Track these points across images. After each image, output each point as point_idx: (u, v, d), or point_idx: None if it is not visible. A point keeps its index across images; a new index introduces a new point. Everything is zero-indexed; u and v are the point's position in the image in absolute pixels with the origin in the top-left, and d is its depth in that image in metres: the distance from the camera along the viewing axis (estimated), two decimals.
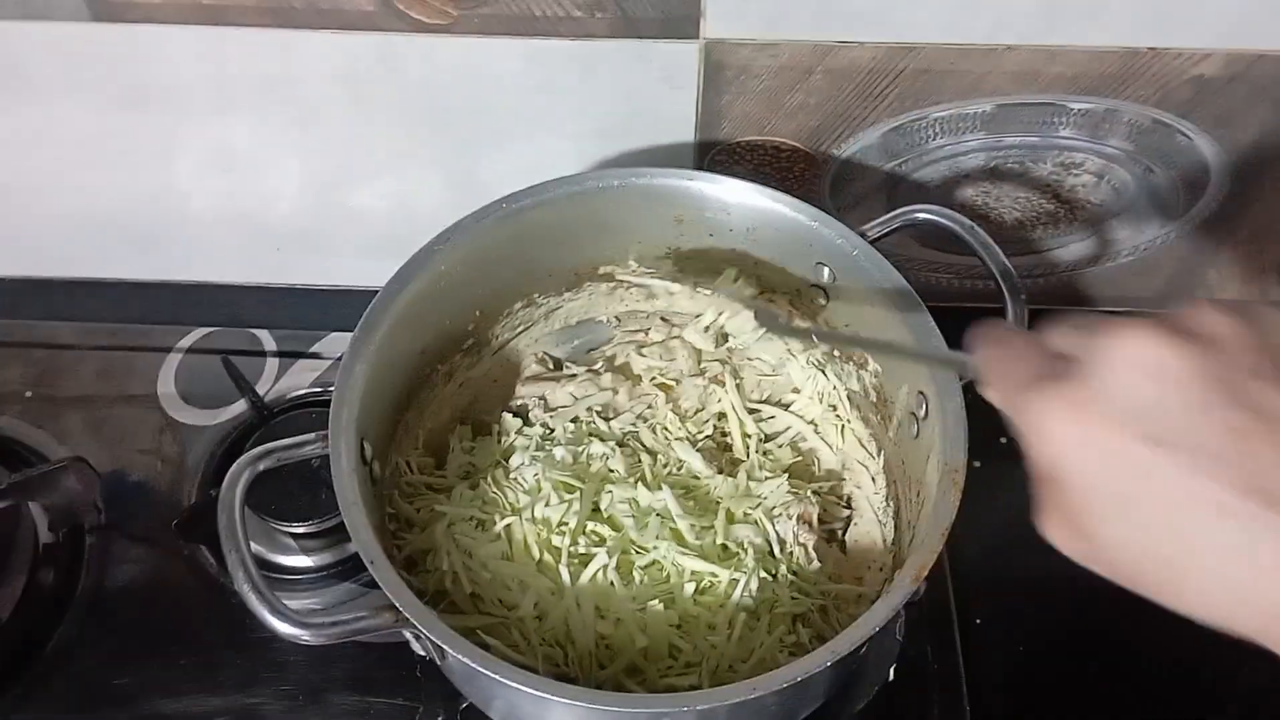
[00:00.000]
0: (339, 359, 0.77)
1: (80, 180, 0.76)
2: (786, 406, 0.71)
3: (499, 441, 0.69)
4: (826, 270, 0.64)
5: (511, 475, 0.65)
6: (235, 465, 0.53)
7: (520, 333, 0.71)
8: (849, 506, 0.67)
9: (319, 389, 0.77)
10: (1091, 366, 0.33)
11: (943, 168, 0.71)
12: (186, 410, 0.76)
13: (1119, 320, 0.33)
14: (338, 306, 0.81)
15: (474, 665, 0.48)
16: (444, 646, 0.48)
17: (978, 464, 0.53)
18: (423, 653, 0.53)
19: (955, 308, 0.59)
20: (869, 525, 0.66)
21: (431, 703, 0.63)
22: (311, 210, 0.77)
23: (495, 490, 0.64)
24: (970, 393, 0.54)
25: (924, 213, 0.62)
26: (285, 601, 0.50)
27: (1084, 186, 0.72)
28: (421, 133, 0.71)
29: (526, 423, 0.70)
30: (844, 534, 0.66)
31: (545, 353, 0.73)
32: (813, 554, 0.62)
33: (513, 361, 0.72)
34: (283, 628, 0.49)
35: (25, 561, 0.67)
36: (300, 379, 0.78)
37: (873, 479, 0.67)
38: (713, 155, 0.72)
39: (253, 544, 0.68)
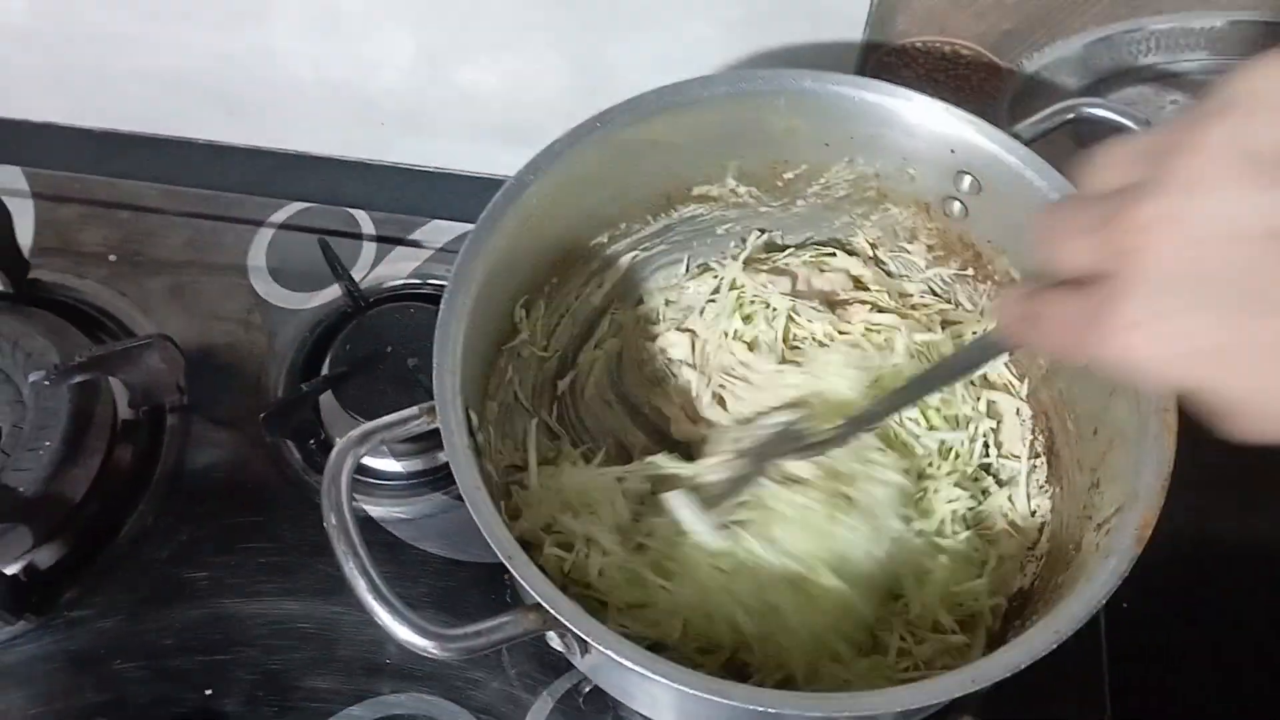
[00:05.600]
0: (440, 249, 0.72)
1: (168, 33, 0.70)
2: None
3: None
4: (969, 179, 0.56)
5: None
6: (333, 456, 0.46)
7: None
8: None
9: (417, 280, 0.71)
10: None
11: (1147, 91, 0.62)
12: (277, 290, 0.71)
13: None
14: (443, 191, 0.75)
15: (652, 675, 0.42)
16: (622, 660, 0.42)
17: None
18: (562, 649, 0.47)
19: None
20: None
21: None
22: (420, 84, 0.70)
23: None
24: None
25: (1091, 107, 0.54)
26: (387, 507, 0.44)
27: None
28: (547, 3, 0.64)
29: None
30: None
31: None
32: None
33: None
34: (413, 639, 0.43)
35: (103, 439, 0.63)
36: (398, 268, 0.72)
37: (1016, 412, 0.60)
38: (879, 57, 0.63)
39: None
